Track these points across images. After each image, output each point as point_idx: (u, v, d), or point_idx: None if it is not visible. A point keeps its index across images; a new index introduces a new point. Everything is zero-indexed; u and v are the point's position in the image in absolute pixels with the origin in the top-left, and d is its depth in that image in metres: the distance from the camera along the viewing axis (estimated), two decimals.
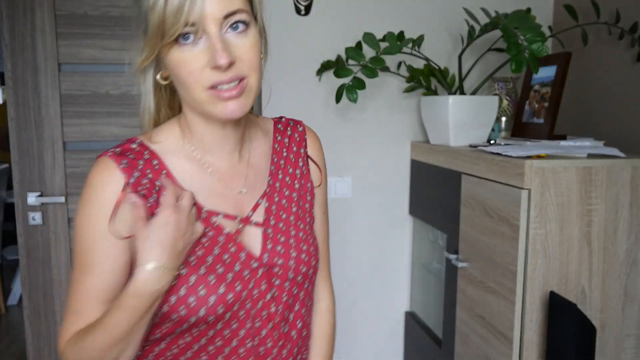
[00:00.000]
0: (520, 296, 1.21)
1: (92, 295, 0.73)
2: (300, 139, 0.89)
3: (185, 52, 0.69)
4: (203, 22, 0.67)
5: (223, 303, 0.73)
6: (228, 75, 0.69)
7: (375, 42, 1.53)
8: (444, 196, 1.60)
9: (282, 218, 0.83)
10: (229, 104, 0.70)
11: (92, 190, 0.74)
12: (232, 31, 0.69)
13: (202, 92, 0.70)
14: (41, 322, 1.93)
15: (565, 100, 1.76)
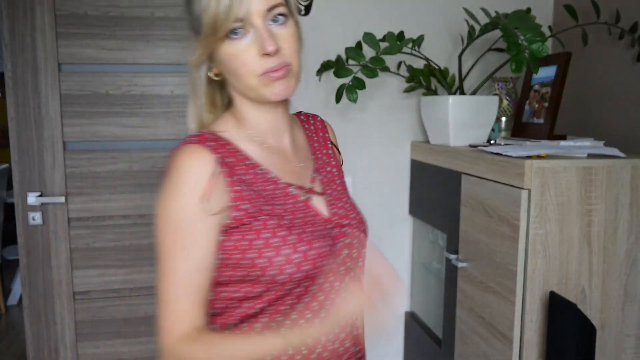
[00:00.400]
0: (520, 296, 1.21)
1: (187, 280, 0.78)
2: (322, 127, 1.03)
3: (236, 45, 0.79)
4: (249, 17, 0.77)
5: (320, 258, 0.82)
6: (275, 62, 0.79)
7: (375, 42, 1.53)
8: (444, 196, 1.60)
9: (333, 188, 0.94)
10: (276, 86, 0.80)
11: (183, 173, 0.78)
12: (273, 23, 0.80)
13: (254, 79, 0.80)
14: (41, 322, 1.93)
15: (565, 100, 1.76)
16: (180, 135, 1.94)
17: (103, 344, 1.97)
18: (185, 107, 2.10)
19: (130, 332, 1.98)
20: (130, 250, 1.95)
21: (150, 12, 1.87)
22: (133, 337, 1.99)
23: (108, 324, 1.96)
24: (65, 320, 1.94)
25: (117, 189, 1.92)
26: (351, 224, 0.91)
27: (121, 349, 1.98)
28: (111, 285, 1.95)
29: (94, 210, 1.92)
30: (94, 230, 1.92)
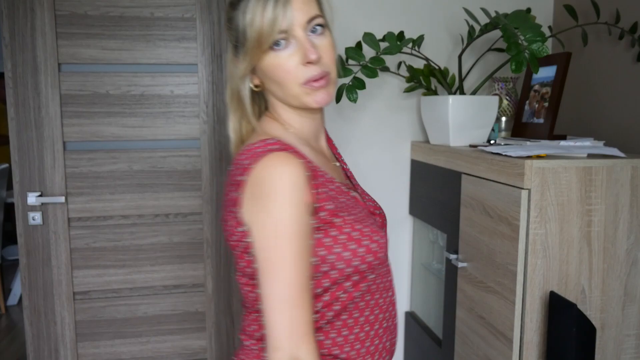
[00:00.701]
0: (520, 296, 1.21)
1: (305, 285, 0.79)
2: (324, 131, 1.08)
3: (280, 56, 0.84)
4: (292, 29, 0.82)
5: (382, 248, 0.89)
6: (317, 71, 0.84)
7: (375, 42, 1.53)
8: (444, 196, 1.60)
9: (357, 184, 1.04)
10: (318, 94, 0.85)
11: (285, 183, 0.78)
12: (312, 34, 0.84)
13: (297, 87, 0.85)
14: (41, 322, 1.93)
15: (565, 100, 1.76)
16: (180, 135, 1.94)
17: (103, 344, 1.97)
18: (185, 107, 2.11)
19: (130, 332, 1.98)
20: (130, 250, 1.95)
21: (150, 12, 1.87)
22: (133, 337, 1.99)
23: (108, 324, 1.97)
24: (65, 320, 1.94)
25: (117, 189, 1.92)
26: (381, 214, 1.00)
27: (121, 349, 1.98)
28: (111, 285, 1.95)
29: (94, 210, 1.92)
30: (94, 230, 1.92)
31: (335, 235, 0.83)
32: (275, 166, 0.79)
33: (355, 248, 0.84)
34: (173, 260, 1.98)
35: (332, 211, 0.83)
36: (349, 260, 0.84)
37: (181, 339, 2.02)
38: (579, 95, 1.76)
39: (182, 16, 1.90)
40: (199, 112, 1.94)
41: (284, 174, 0.78)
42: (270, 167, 0.79)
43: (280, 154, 0.80)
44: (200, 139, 1.95)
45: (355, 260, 0.85)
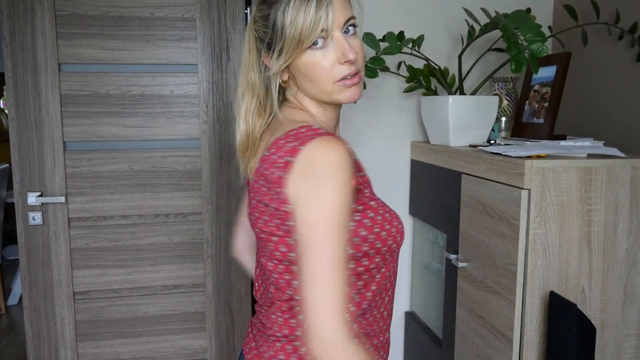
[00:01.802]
0: (520, 296, 1.21)
1: (343, 265, 0.80)
2: None
3: (317, 54, 0.86)
4: (331, 29, 0.85)
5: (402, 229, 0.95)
6: (352, 69, 0.87)
7: (375, 42, 1.53)
8: (444, 196, 1.60)
9: None
10: (350, 91, 0.89)
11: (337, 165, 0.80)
12: (345, 34, 0.88)
13: (332, 85, 0.88)
14: (41, 322, 1.93)
15: (565, 100, 1.76)
16: (180, 135, 1.94)
17: (103, 344, 1.97)
18: (185, 107, 2.11)
19: (130, 332, 1.98)
20: (130, 250, 1.95)
21: (150, 12, 1.87)
22: (133, 337, 1.99)
23: (108, 324, 1.97)
24: (65, 320, 1.94)
25: (117, 189, 1.92)
26: None
27: (121, 349, 1.98)
28: (111, 285, 1.95)
29: (94, 210, 1.92)
30: (94, 230, 1.92)
31: (373, 217, 0.90)
32: (328, 147, 0.81)
33: (389, 228, 0.91)
34: (173, 260, 1.98)
35: (367, 195, 0.91)
36: (385, 239, 0.90)
37: (181, 339, 2.02)
38: (579, 95, 1.76)
39: (182, 16, 1.90)
40: (199, 112, 1.94)
41: (336, 155, 0.80)
42: (323, 148, 0.81)
43: (330, 137, 0.82)
44: (200, 139, 1.95)
45: (390, 240, 0.91)
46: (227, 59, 1.94)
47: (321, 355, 0.78)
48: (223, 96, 1.95)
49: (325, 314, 0.77)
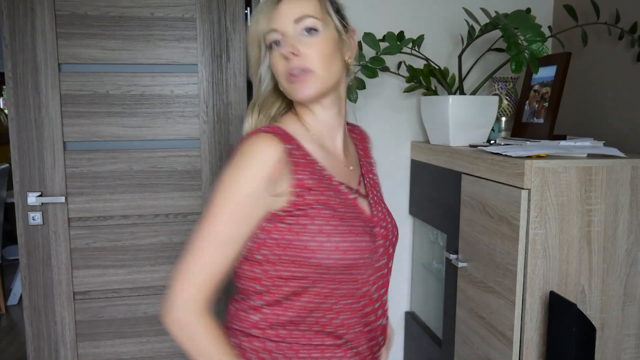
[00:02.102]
0: (520, 296, 1.21)
1: (225, 243, 0.85)
2: (364, 138, 1.14)
3: (275, 54, 0.91)
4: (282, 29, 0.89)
5: (367, 250, 0.91)
6: (294, 65, 0.88)
7: (375, 42, 1.53)
8: (444, 196, 1.60)
9: (374, 192, 1.03)
10: (298, 88, 0.90)
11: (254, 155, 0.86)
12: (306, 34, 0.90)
13: (285, 82, 0.91)
14: (41, 322, 1.93)
15: (565, 100, 1.76)
16: (180, 135, 1.94)
17: (103, 344, 1.97)
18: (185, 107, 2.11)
19: (130, 332, 1.98)
20: (130, 250, 1.95)
21: (150, 12, 1.87)
22: (133, 337, 1.99)
23: (108, 324, 1.97)
24: (65, 320, 1.94)
25: (117, 189, 1.92)
26: (387, 227, 0.99)
27: (121, 349, 1.98)
28: (111, 285, 1.95)
29: (94, 210, 1.92)
30: (94, 230, 1.92)
31: (305, 224, 0.87)
32: (255, 142, 0.87)
33: (322, 241, 0.87)
34: (173, 260, 1.98)
35: (306, 200, 0.88)
36: (314, 250, 0.87)
37: None
38: (579, 95, 1.76)
39: (182, 16, 1.90)
40: (199, 112, 1.94)
41: (259, 150, 0.86)
42: (252, 142, 0.87)
43: (264, 135, 0.87)
44: (200, 139, 1.95)
45: (321, 253, 0.87)
46: (227, 59, 1.95)
47: (169, 326, 0.84)
48: (223, 96, 1.95)
49: (183, 287, 0.84)
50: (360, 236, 0.91)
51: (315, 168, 0.91)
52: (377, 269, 0.96)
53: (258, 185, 0.85)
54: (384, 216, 1.01)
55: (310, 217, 0.87)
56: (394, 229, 1.02)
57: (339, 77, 0.96)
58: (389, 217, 1.03)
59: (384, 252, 0.98)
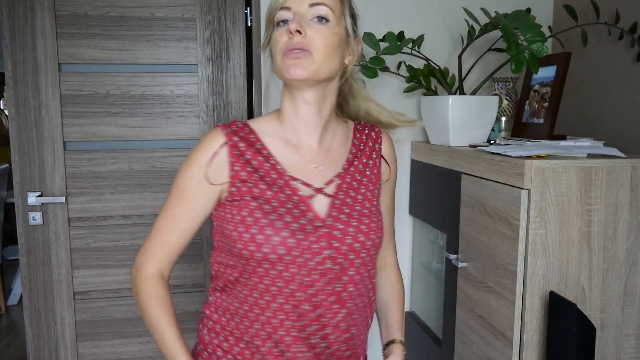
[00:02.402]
0: (520, 296, 1.21)
1: (172, 225, 0.97)
2: (377, 138, 1.08)
3: (279, 29, 0.92)
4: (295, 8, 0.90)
5: (284, 245, 0.89)
6: (296, 42, 0.88)
7: (375, 42, 1.53)
8: (444, 196, 1.60)
9: (350, 195, 0.99)
10: (292, 65, 0.89)
11: (200, 145, 0.96)
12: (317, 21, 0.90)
13: (280, 56, 0.91)
14: (41, 322, 1.93)
15: (565, 100, 1.76)
16: (180, 135, 1.94)
17: (103, 344, 1.97)
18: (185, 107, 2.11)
19: (130, 332, 1.98)
20: (130, 250, 1.95)
21: (150, 12, 1.87)
22: (133, 337, 1.99)
23: (108, 324, 1.97)
24: (65, 320, 1.94)
25: (117, 189, 1.92)
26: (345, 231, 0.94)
27: (121, 349, 1.99)
28: (111, 285, 1.95)
29: (94, 210, 1.92)
30: (94, 230, 1.92)
31: (234, 214, 0.92)
32: (204, 136, 0.98)
33: (242, 232, 0.90)
34: None
35: (241, 191, 0.93)
36: (235, 240, 0.91)
37: None
38: (579, 95, 1.76)
39: (182, 16, 1.90)
40: (199, 112, 1.94)
41: (205, 141, 0.96)
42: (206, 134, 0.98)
43: (214, 129, 0.97)
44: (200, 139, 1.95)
45: (239, 244, 0.90)
46: (227, 59, 1.95)
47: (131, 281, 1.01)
48: (223, 96, 1.95)
49: (141, 253, 0.99)
50: (285, 232, 0.89)
51: (266, 161, 0.95)
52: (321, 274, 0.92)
53: (198, 171, 0.94)
54: (347, 220, 0.95)
55: (239, 208, 0.92)
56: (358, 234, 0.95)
57: (334, 74, 0.95)
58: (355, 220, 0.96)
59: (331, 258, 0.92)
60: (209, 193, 0.95)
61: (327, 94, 0.97)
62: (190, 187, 0.96)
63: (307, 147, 0.99)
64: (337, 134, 1.03)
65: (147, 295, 0.97)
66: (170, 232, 0.97)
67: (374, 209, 1.00)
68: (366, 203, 0.99)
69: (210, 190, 0.95)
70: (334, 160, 1.01)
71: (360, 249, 0.95)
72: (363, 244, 0.95)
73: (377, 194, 1.04)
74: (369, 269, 0.99)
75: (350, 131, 1.06)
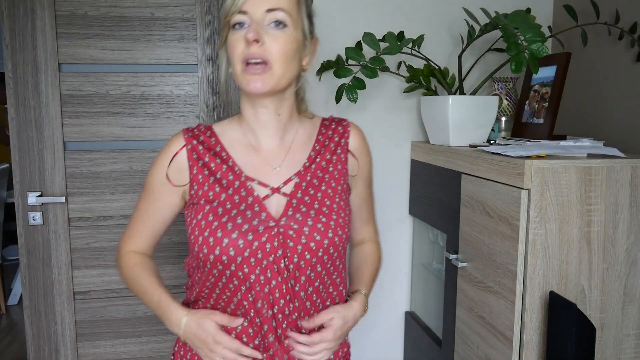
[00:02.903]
0: (520, 296, 1.21)
1: (143, 216, 1.05)
2: (343, 132, 1.06)
3: (236, 34, 0.91)
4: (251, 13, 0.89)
5: (234, 246, 0.90)
6: (254, 52, 0.89)
7: (375, 42, 1.53)
8: (444, 196, 1.60)
9: (309, 193, 0.98)
10: (251, 79, 0.90)
11: (164, 148, 1.02)
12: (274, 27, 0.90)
13: (239, 65, 0.91)
14: (41, 322, 1.93)
15: (565, 100, 1.76)
16: None
17: (103, 344, 1.97)
18: (185, 107, 2.11)
19: (130, 332, 1.98)
20: None
21: (150, 12, 1.87)
22: (133, 337, 1.99)
23: (108, 324, 1.97)
24: (65, 320, 1.94)
25: (117, 189, 1.92)
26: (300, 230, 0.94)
27: (121, 349, 1.98)
28: (111, 285, 1.95)
29: (94, 210, 1.92)
30: (94, 230, 1.92)
31: (192, 217, 0.96)
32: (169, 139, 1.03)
33: (197, 234, 0.93)
34: (173, 260, 1.98)
35: (198, 193, 0.97)
36: (193, 243, 0.94)
37: None
38: (578, 95, 1.76)
39: (182, 16, 1.90)
40: (199, 112, 1.94)
41: (167, 145, 1.01)
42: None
43: (178, 133, 1.02)
44: None
45: (195, 246, 0.93)
46: None
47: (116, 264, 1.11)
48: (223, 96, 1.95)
49: (122, 238, 1.08)
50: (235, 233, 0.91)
51: (224, 163, 0.98)
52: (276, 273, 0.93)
53: (161, 172, 1.00)
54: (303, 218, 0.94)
55: (195, 211, 0.96)
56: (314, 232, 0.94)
57: (292, 80, 0.96)
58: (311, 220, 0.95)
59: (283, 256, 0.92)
60: (171, 193, 1.01)
61: (286, 98, 0.99)
62: (155, 186, 1.02)
63: (267, 148, 1.01)
64: (299, 133, 1.04)
65: (127, 264, 1.05)
66: (142, 222, 1.05)
67: (335, 206, 0.99)
68: (327, 201, 0.99)
69: (172, 190, 1.00)
70: (294, 160, 1.01)
71: (316, 248, 0.94)
72: (319, 243, 0.94)
73: (343, 190, 1.03)
74: (329, 267, 0.98)
75: (315, 128, 1.06)
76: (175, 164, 0.99)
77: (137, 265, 1.05)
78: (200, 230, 0.93)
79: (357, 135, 1.08)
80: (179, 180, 0.99)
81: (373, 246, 1.17)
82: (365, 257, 1.14)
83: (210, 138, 1.01)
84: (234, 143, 1.01)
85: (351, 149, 1.06)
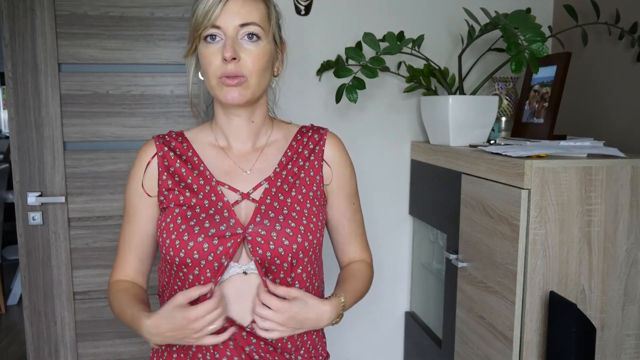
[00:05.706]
0: (520, 296, 1.21)
1: (127, 239, 1.04)
2: (319, 140, 1.06)
3: (210, 48, 0.93)
4: (224, 27, 0.91)
5: (198, 250, 0.91)
6: (231, 70, 0.91)
7: (375, 42, 1.53)
8: (444, 196, 1.60)
9: (279, 199, 0.98)
10: (228, 91, 0.93)
11: (136, 159, 1.03)
12: (247, 40, 0.93)
13: (215, 80, 0.94)
14: (41, 322, 1.93)
15: (565, 100, 1.76)
16: None
17: (103, 344, 1.97)
18: (185, 107, 2.11)
19: (130, 332, 1.98)
20: None
21: (150, 12, 1.87)
22: (133, 337, 1.99)
23: (108, 324, 1.97)
24: (65, 320, 1.94)
25: (117, 189, 1.92)
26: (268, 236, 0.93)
27: (121, 349, 1.98)
28: None
29: (94, 210, 1.92)
30: (94, 230, 1.92)
31: (162, 221, 0.97)
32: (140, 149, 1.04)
33: (165, 237, 0.95)
34: None
35: (168, 199, 0.98)
36: (161, 246, 0.96)
37: None
38: (579, 95, 1.76)
39: (182, 16, 1.90)
40: (199, 112, 1.94)
41: (138, 154, 1.03)
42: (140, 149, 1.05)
43: (149, 141, 1.04)
44: None
45: (163, 249, 0.95)
46: None
47: None
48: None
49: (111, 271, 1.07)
50: (200, 237, 0.91)
51: (195, 169, 0.99)
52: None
53: (137, 186, 1.01)
54: (271, 224, 0.94)
55: (165, 215, 0.97)
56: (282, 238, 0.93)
57: (266, 88, 0.99)
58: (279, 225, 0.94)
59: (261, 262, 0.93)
60: (150, 205, 1.01)
61: (259, 105, 1.01)
62: (133, 203, 1.02)
63: (238, 152, 1.02)
64: (272, 138, 1.05)
65: (112, 292, 1.03)
66: (127, 246, 1.04)
67: (306, 211, 0.98)
68: (296, 206, 0.98)
69: (150, 202, 1.01)
70: (265, 164, 1.02)
71: (285, 253, 0.93)
72: (288, 248, 0.93)
73: (316, 197, 1.01)
74: (301, 273, 0.97)
75: (291, 134, 1.07)
76: (149, 172, 1.01)
77: (120, 291, 1.01)
78: (168, 232, 0.94)
79: (335, 145, 1.07)
80: (152, 189, 1.01)
81: (362, 265, 1.11)
82: (353, 272, 1.09)
83: (182, 143, 1.02)
84: (206, 147, 1.03)
85: (326, 158, 1.05)
